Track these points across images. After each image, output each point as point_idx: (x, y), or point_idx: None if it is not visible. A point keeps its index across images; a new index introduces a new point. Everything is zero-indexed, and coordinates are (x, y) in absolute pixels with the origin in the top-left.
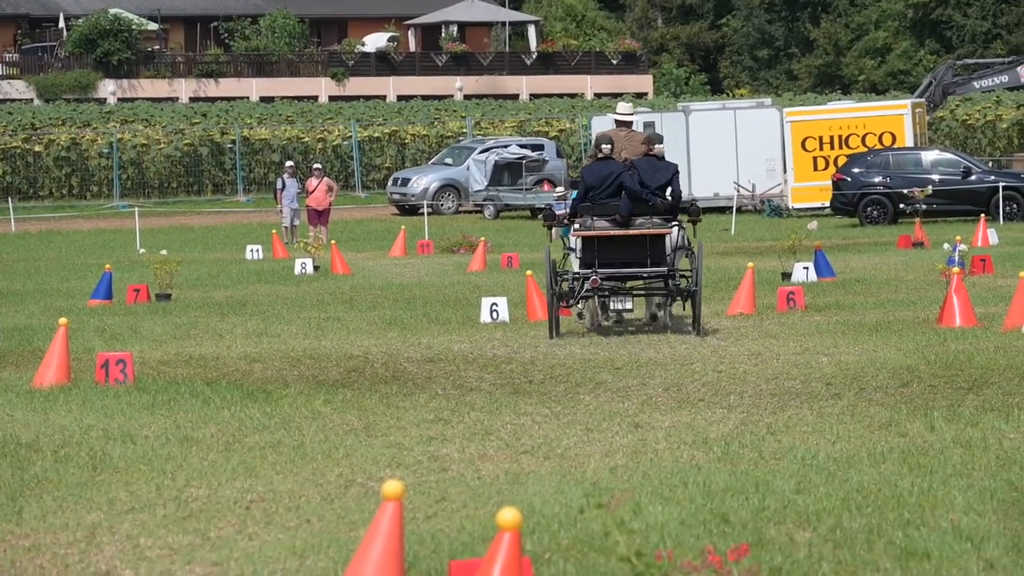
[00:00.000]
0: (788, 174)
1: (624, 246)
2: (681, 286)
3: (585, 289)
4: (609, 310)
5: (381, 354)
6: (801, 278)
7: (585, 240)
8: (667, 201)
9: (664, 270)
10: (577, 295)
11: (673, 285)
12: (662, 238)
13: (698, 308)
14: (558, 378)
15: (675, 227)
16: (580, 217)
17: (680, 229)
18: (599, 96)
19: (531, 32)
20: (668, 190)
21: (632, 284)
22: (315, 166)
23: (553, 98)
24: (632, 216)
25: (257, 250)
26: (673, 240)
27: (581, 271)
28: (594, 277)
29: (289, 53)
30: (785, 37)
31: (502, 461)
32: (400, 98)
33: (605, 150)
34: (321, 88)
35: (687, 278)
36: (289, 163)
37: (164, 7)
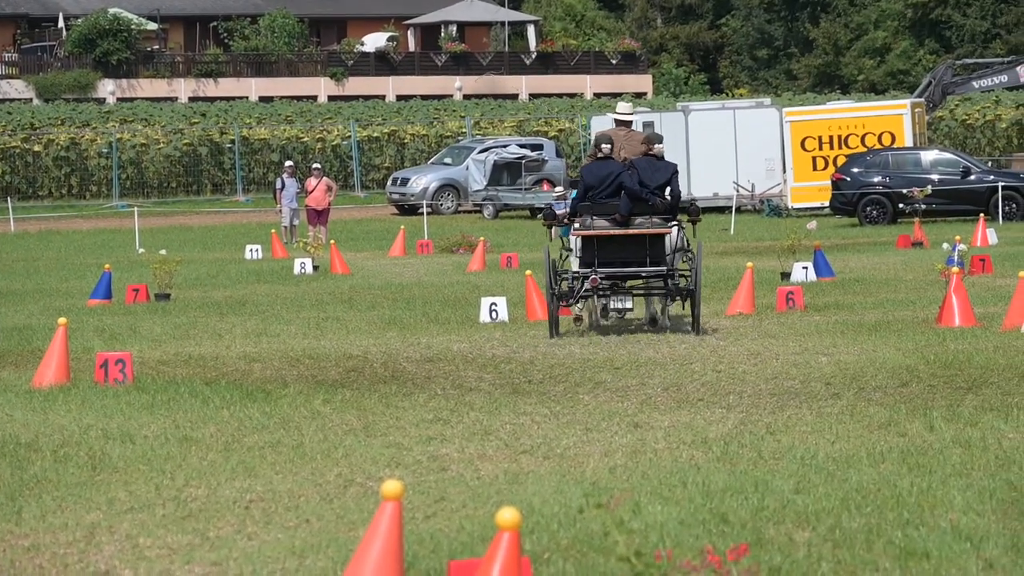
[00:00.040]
0: (787, 174)
1: (623, 245)
2: (680, 285)
3: (584, 288)
4: (609, 310)
5: (380, 354)
6: (800, 278)
7: (585, 239)
8: (666, 201)
9: (663, 269)
10: (576, 294)
11: (672, 285)
12: (661, 238)
13: (697, 308)
14: (557, 378)
15: (674, 227)
16: (580, 217)
17: (680, 230)
18: (598, 96)
19: (530, 32)
20: (667, 190)
21: (631, 284)
22: (314, 166)
23: (552, 98)
24: (631, 216)
25: (256, 250)
26: (672, 240)
27: (581, 270)
28: (593, 276)
29: (288, 53)
30: (784, 37)
31: (501, 461)
32: (399, 98)
33: (605, 150)
34: (320, 88)
35: (686, 277)
36: (288, 163)
37: (163, 7)
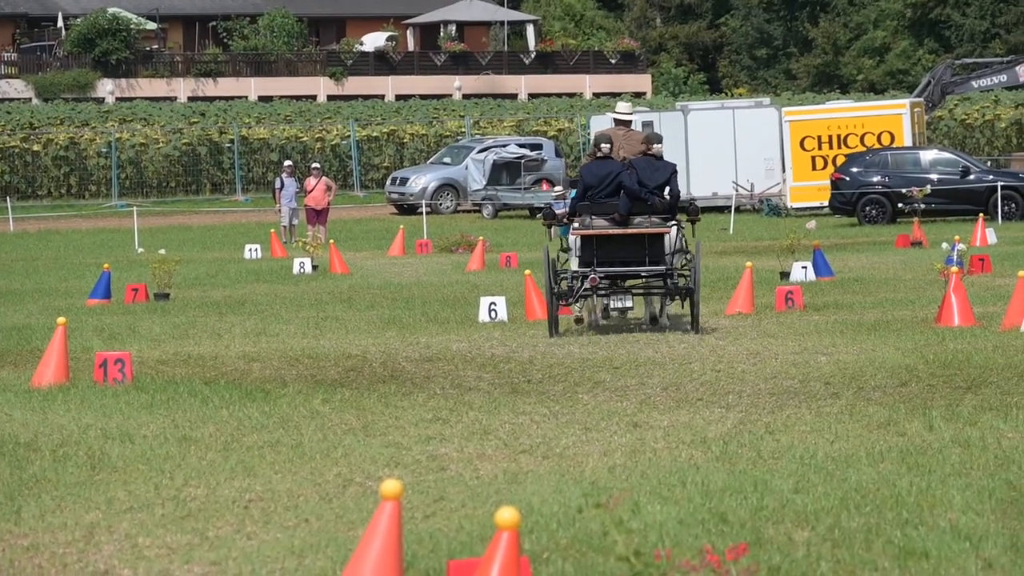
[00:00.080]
0: (787, 173)
1: (623, 245)
2: (679, 285)
3: (584, 288)
4: (609, 309)
5: (379, 353)
6: (799, 277)
7: (584, 239)
8: (665, 200)
9: (662, 269)
10: (576, 294)
11: (672, 284)
12: (661, 237)
13: (696, 307)
14: (556, 377)
15: (674, 227)
16: (579, 216)
17: (679, 230)
18: (598, 95)
19: (530, 31)
20: (666, 190)
21: (631, 283)
22: (313, 165)
23: (552, 97)
24: (631, 215)
25: (256, 249)
26: (672, 240)
27: (580, 270)
28: (593, 276)
29: (287, 52)
30: (784, 36)
31: (500, 460)
32: (399, 97)
33: (604, 149)
34: (320, 87)
35: (685, 277)
36: (288, 162)
37: (163, 6)
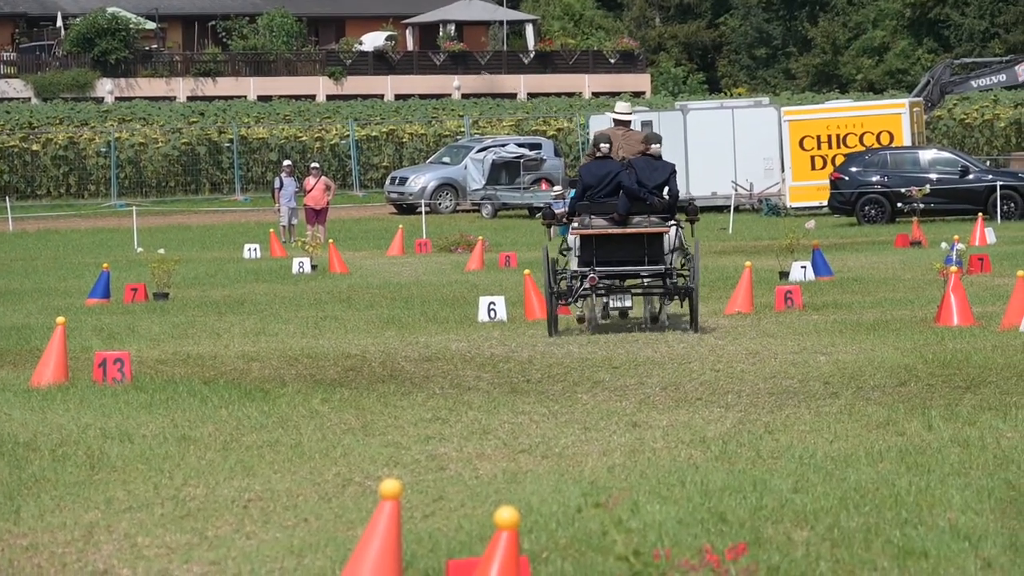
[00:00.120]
0: (786, 173)
1: (622, 245)
2: (679, 284)
3: (583, 287)
4: (609, 308)
5: (379, 353)
6: (799, 277)
7: (583, 239)
8: (664, 200)
9: (662, 268)
10: (575, 293)
11: (671, 283)
12: (660, 237)
13: (695, 307)
14: (556, 377)
15: (673, 227)
16: (578, 216)
17: (678, 229)
18: (597, 95)
19: (529, 31)
20: (665, 189)
21: (630, 283)
22: (313, 165)
23: (551, 97)
24: (630, 215)
25: (255, 249)
26: (671, 240)
27: (579, 269)
28: (592, 275)
29: (287, 52)
30: (783, 36)
31: (500, 460)
32: (398, 97)
33: (603, 149)
34: (319, 87)
35: (684, 276)
36: (287, 162)
37: (162, 6)
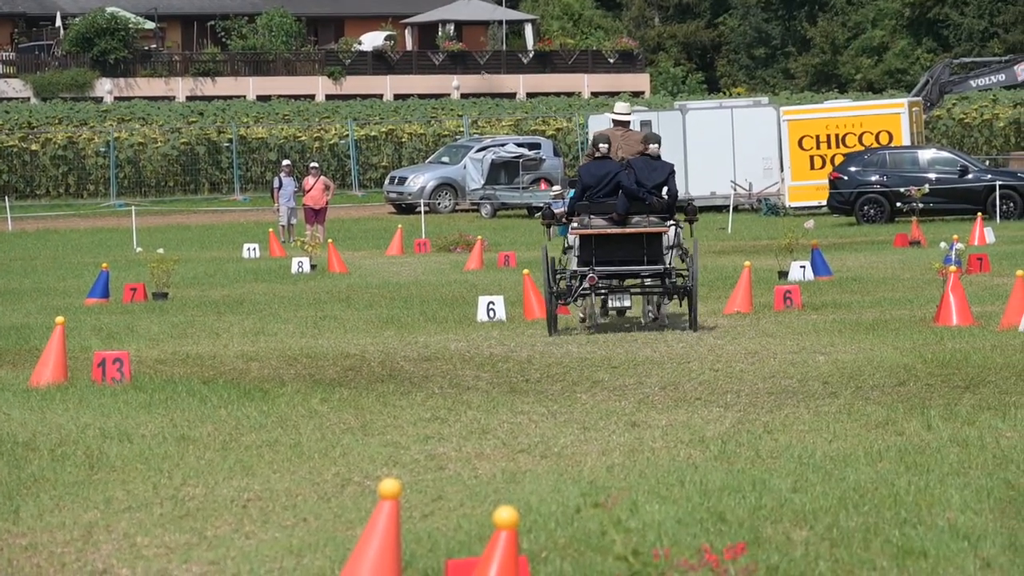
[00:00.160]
0: (785, 173)
1: (621, 244)
2: (678, 284)
3: (582, 287)
4: (608, 307)
5: (378, 353)
6: (798, 277)
7: (582, 238)
8: (663, 200)
9: (661, 268)
10: (574, 293)
11: (670, 283)
12: (659, 236)
13: (694, 306)
14: (555, 377)
15: (672, 226)
16: (577, 216)
17: (677, 228)
18: (596, 95)
19: (528, 31)
20: (664, 189)
21: (629, 282)
22: (312, 165)
23: (550, 97)
24: (629, 215)
25: (254, 249)
26: (669, 239)
27: (579, 268)
28: (591, 275)
29: (286, 52)
30: (782, 36)
31: (499, 460)
32: (397, 97)
33: (602, 149)
34: (318, 87)
35: (683, 276)
36: (286, 162)
37: (161, 6)
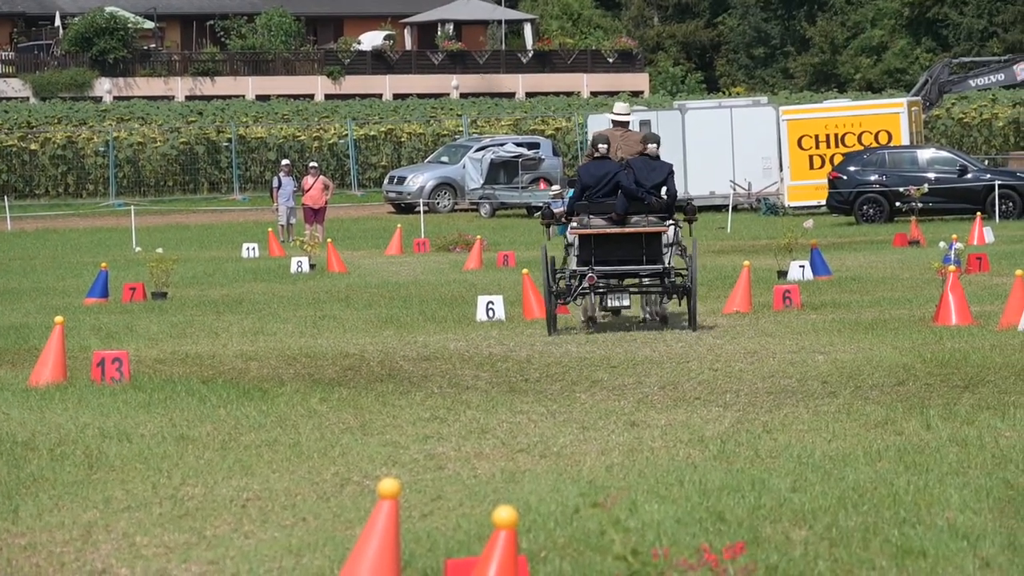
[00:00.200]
0: (784, 172)
1: (620, 244)
2: (677, 283)
3: (582, 287)
4: (607, 306)
5: (377, 352)
6: (797, 276)
7: (582, 238)
8: (663, 200)
9: (660, 268)
10: (574, 293)
11: (669, 282)
12: (658, 236)
13: (694, 306)
14: (554, 376)
15: (671, 226)
16: (577, 216)
17: (676, 228)
18: (595, 94)
19: (527, 30)
20: (663, 189)
21: (628, 282)
22: (311, 164)
23: (549, 96)
24: (628, 215)
25: (253, 248)
26: (669, 238)
27: (578, 268)
28: (590, 275)
29: (285, 51)
30: (781, 35)
31: (498, 459)
32: (396, 96)
33: (601, 150)
34: (317, 86)
35: (682, 275)
36: (285, 161)
37: (160, 5)
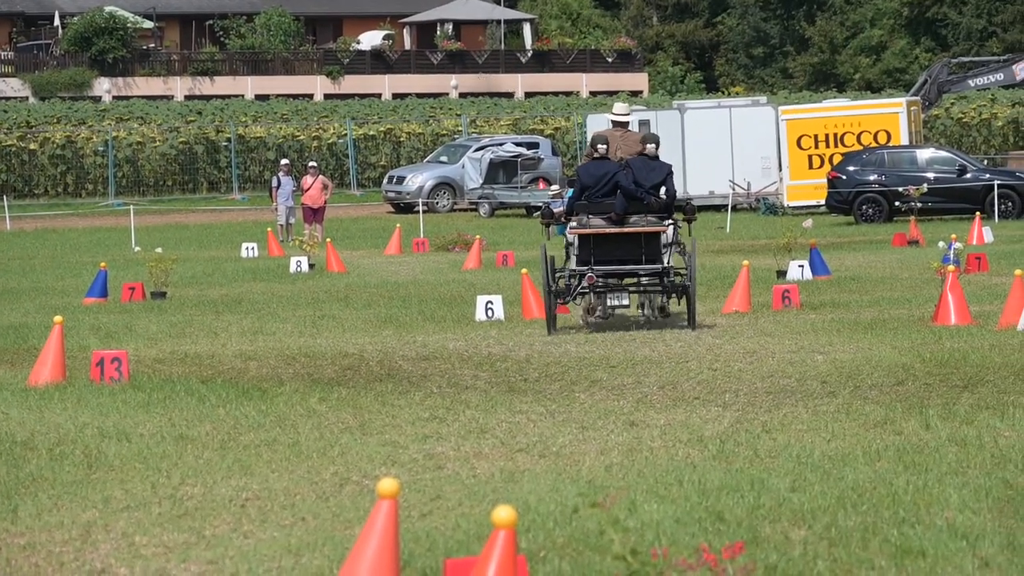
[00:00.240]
0: (783, 172)
1: (620, 244)
2: (676, 282)
3: (581, 286)
4: (606, 306)
5: (376, 352)
6: (796, 276)
7: (581, 238)
8: (662, 200)
9: (659, 267)
10: (573, 292)
11: (668, 282)
12: (657, 236)
13: (693, 305)
14: (553, 376)
15: (670, 226)
16: (576, 215)
17: (675, 228)
18: (594, 94)
19: (526, 30)
20: (662, 189)
21: (628, 281)
22: (310, 164)
23: (548, 96)
24: (627, 214)
25: (252, 248)
26: (667, 237)
27: (577, 268)
28: (590, 274)
29: (284, 51)
30: (780, 35)
31: (497, 459)
32: (395, 96)
33: (601, 150)
34: (316, 86)
35: (681, 275)
36: (284, 161)
37: (159, 5)
